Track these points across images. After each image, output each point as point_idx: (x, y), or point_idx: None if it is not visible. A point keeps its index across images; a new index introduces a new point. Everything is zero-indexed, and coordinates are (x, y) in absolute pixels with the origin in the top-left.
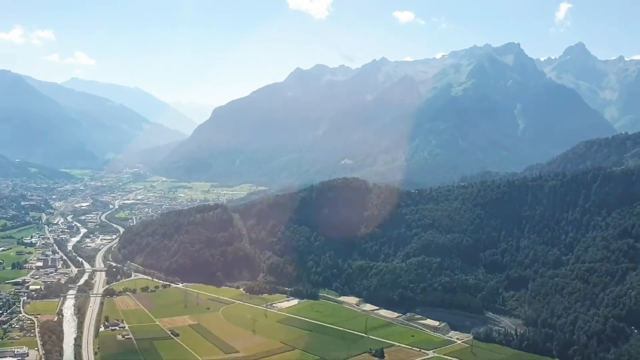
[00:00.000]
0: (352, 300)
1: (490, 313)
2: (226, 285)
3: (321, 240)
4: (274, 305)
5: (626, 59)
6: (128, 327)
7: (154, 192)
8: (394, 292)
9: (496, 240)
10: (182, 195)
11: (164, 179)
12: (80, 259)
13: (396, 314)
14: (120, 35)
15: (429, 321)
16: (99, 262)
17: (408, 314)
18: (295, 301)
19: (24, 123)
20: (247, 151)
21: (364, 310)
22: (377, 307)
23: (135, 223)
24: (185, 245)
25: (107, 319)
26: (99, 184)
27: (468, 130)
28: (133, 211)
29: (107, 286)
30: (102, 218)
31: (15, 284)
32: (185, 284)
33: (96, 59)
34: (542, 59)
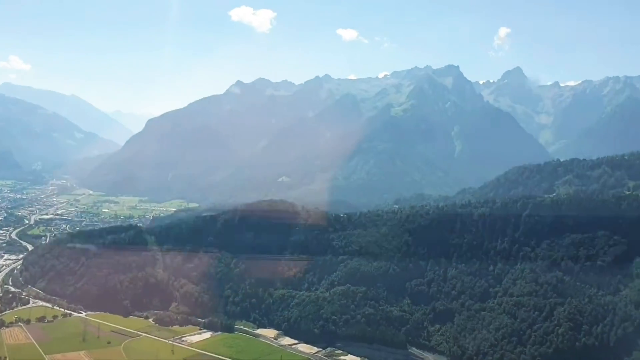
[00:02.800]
0: (270, 333)
1: (414, 348)
2: (134, 315)
3: (242, 267)
4: (183, 338)
5: (561, 85)
6: None
7: (77, 207)
8: (315, 325)
9: (423, 270)
10: (107, 210)
11: (90, 192)
12: None
13: (315, 349)
14: (58, 40)
15: (349, 357)
16: None
17: (328, 349)
18: (208, 334)
19: None
20: (180, 165)
21: (282, 345)
22: (296, 342)
23: (47, 241)
24: (92, 270)
25: None
26: (18, 196)
27: (406, 151)
28: (49, 227)
29: None
30: (13, 235)
31: None
32: (88, 313)
33: (32, 64)
34: (480, 82)
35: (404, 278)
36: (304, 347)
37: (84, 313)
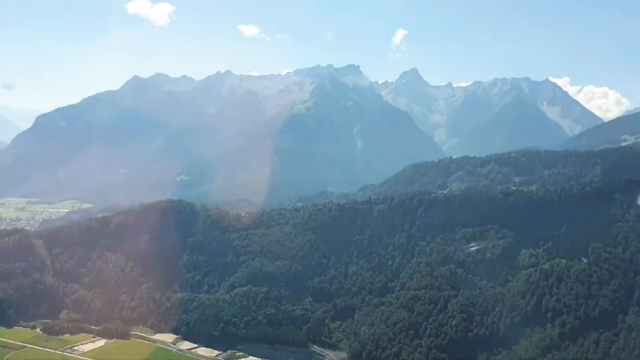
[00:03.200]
0: (168, 338)
1: (316, 346)
2: (19, 326)
3: (138, 270)
4: (75, 348)
5: (454, 86)
6: None
7: None
8: (216, 328)
9: (325, 267)
10: None
11: None
12: None
13: (216, 352)
14: None
15: (250, 359)
16: None
17: (228, 352)
18: (102, 342)
19: None
20: (73, 164)
21: (180, 350)
22: (195, 345)
23: None
24: None
25: None
26: None
27: (309, 149)
28: None
29: None
30: None
31: None
32: None
33: None
34: (380, 82)
35: (306, 276)
36: (203, 351)
37: None
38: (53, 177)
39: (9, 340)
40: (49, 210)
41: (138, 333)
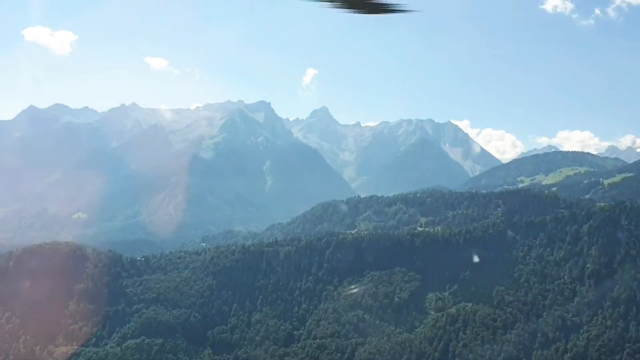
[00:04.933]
0: None
1: None
2: None
3: (15, 322)
4: None
5: (362, 125)
6: None
7: None
8: None
9: (227, 315)
10: None
11: None
12: None
13: None
14: None
15: None
16: None
17: None
18: None
19: None
20: None
21: None
22: None
23: None
24: None
25: None
26: None
27: (217, 185)
28: None
29: None
30: None
31: None
32: None
33: None
34: (291, 119)
35: (206, 326)
36: None
37: None
38: None
39: None
40: None
41: None
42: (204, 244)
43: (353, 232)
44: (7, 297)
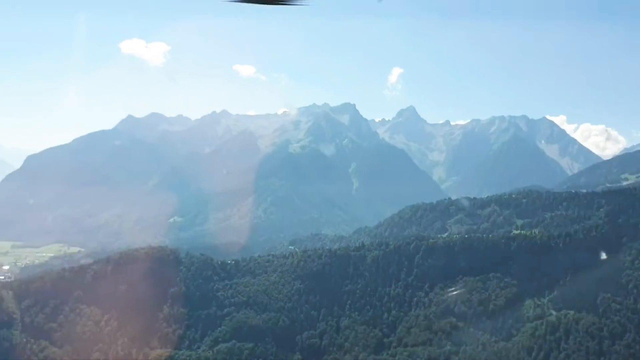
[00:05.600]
0: None
1: None
2: None
3: (113, 325)
4: None
5: (452, 123)
6: None
7: None
8: None
9: (315, 320)
10: None
11: None
12: None
13: None
14: None
15: None
16: None
17: None
18: None
19: None
20: (62, 206)
21: None
22: None
23: None
24: None
25: None
26: None
27: (304, 188)
28: None
29: None
30: None
31: None
32: None
33: None
34: (376, 120)
35: (295, 331)
36: None
37: None
38: (41, 220)
39: None
40: (36, 253)
41: None
42: (292, 247)
43: (444, 236)
44: (106, 300)
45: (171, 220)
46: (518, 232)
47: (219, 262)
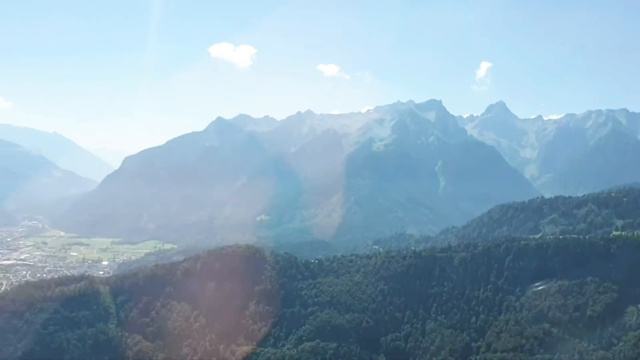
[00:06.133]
0: None
1: None
2: None
3: (202, 321)
4: None
5: (545, 118)
6: None
7: (44, 250)
8: None
9: (400, 322)
10: (75, 254)
11: (62, 233)
12: None
13: None
14: (39, 77)
15: None
16: None
17: None
18: None
19: None
20: (156, 205)
21: None
22: None
23: (4, 290)
24: (36, 327)
25: None
26: None
27: (388, 187)
28: (7, 274)
29: None
30: None
31: None
32: None
33: (13, 101)
34: (464, 116)
35: (379, 332)
36: None
37: None
38: (138, 218)
39: None
40: (133, 249)
41: None
42: (376, 247)
43: (537, 237)
44: (195, 297)
45: (258, 218)
46: (618, 233)
47: (303, 262)
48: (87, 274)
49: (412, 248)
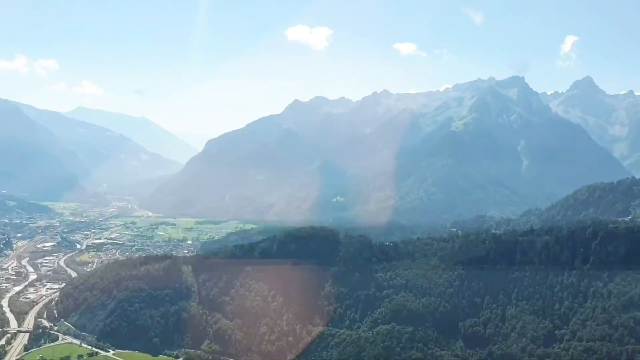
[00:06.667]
0: None
1: None
2: (164, 354)
3: (279, 300)
4: None
5: (636, 94)
6: None
7: (132, 230)
8: None
9: (479, 308)
10: (162, 233)
11: (149, 214)
12: (10, 316)
13: None
14: (127, 64)
15: None
16: (29, 320)
17: None
18: None
19: (13, 154)
20: (238, 186)
21: None
22: None
23: (96, 267)
24: (123, 304)
25: None
26: (77, 219)
27: (467, 167)
28: (99, 253)
29: (21, 355)
30: (61, 262)
31: None
32: (116, 351)
33: (103, 88)
34: (548, 93)
35: (457, 317)
36: None
37: (112, 352)
38: (220, 198)
39: None
40: (215, 229)
41: None
42: (455, 229)
43: (626, 219)
44: (272, 277)
45: (334, 200)
46: None
47: (378, 244)
48: (172, 253)
49: (493, 231)
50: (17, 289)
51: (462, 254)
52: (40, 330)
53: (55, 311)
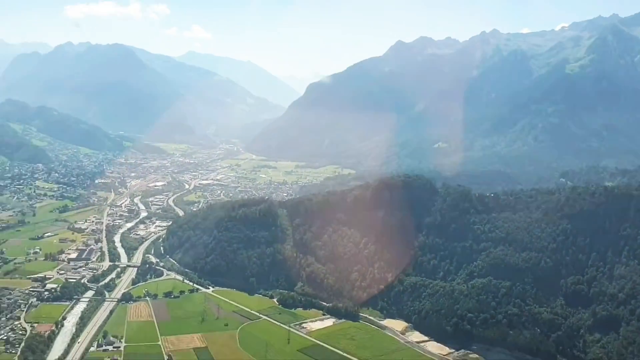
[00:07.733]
0: (397, 325)
1: None
2: (259, 294)
3: (371, 248)
4: (303, 325)
5: None
6: (124, 346)
7: (237, 172)
8: (449, 322)
9: (583, 265)
10: (264, 176)
11: (253, 156)
12: (121, 251)
13: (447, 350)
14: (236, 8)
15: None
16: (138, 256)
17: (461, 351)
18: (330, 321)
19: (128, 96)
20: (337, 130)
21: (408, 342)
22: (425, 339)
23: (200, 208)
24: (222, 244)
25: (104, 335)
26: (187, 160)
27: (582, 114)
28: (205, 193)
29: (129, 288)
30: (170, 201)
31: (36, 280)
32: (215, 289)
33: (212, 32)
34: None
35: (559, 274)
36: (433, 347)
37: (211, 289)
38: (319, 143)
39: (247, 309)
40: (314, 172)
41: (367, 316)
42: (564, 180)
43: None
44: (365, 225)
45: (436, 145)
46: None
47: (477, 195)
48: (272, 195)
49: (606, 183)
50: (129, 225)
51: (569, 207)
52: (147, 265)
53: (161, 248)
